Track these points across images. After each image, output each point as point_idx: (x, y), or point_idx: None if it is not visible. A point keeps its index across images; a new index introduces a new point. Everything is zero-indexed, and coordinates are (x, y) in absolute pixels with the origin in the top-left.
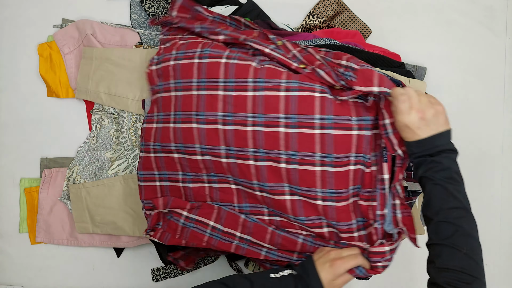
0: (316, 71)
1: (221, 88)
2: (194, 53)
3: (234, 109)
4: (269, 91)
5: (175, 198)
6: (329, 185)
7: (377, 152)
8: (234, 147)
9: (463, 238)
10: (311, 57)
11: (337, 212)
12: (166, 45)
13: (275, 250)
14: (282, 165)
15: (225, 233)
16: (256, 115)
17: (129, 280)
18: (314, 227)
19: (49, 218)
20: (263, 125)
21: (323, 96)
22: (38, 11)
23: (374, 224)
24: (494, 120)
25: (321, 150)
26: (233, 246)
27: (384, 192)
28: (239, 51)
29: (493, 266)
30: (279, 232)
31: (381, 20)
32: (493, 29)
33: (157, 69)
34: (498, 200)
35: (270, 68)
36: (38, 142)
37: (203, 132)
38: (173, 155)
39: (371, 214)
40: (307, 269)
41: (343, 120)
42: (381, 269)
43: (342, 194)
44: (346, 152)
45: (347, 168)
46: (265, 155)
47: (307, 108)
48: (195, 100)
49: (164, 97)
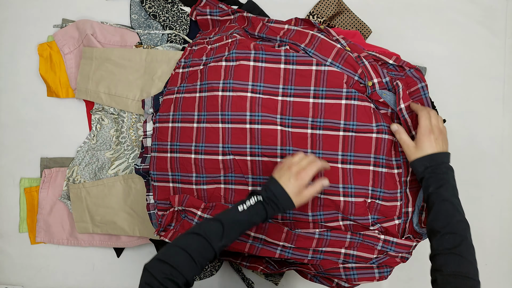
0: (361, 59)
1: (250, 90)
2: (222, 56)
3: (263, 109)
4: (300, 98)
5: (190, 196)
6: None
7: (399, 157)
8: (260, 145)
9: (468, 247)
10: (356, 47)
11: (356, 208)
12: (193, 48)
13: (290, 248)
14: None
15: None
16: (285, 117)
17: (129, 280)
18: (330, 221)
19: (49, 218)
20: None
21: (363, 104)
22: (38, 11)
23: (396, 220)
24: (494, 120)
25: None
26: (247, 246)
27: (406, 192)
28: (265, 46)
29: (493, 266)
30: (294, 232)
31: (381, 20)
32: (493, 29)
33: (183, 72)
34: (498, 200)
35: (299, 71)
36: (38, 142)
37: (228, 131)
38: (191, 155)
39: (391, 212)
40: (273, 190)
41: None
42: (399, 260)
43: (362, 191)
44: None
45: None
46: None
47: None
48: (221, 100)
49: (186, 97)
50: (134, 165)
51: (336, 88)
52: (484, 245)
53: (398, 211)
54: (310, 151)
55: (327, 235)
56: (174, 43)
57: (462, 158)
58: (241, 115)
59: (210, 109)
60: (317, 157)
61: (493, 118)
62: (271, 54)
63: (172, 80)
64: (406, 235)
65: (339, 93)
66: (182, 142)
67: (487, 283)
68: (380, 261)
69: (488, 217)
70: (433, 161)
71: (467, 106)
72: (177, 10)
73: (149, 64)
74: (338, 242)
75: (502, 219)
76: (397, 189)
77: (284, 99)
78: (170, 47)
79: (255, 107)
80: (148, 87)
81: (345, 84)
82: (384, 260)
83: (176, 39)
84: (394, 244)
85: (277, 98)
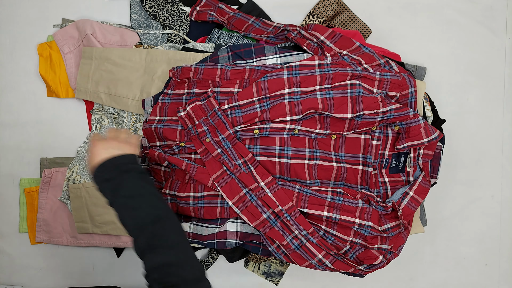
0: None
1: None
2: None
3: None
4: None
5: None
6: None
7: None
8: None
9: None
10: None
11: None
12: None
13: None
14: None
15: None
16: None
17: (129, 280)
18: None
19: (49, 218)
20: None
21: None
22: (38, 11)
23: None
24: (494, 120)
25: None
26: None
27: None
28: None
29: (493, 266)
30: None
31: (381, 20)
32: (493, 29)
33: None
34: (498, 200)
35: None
36: (38, 142)
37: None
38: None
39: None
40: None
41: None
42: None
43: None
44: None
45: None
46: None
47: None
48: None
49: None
50: None
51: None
52: (484, 245)
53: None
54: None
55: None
56: (174, 43)
57: (462, 158)
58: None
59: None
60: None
61: (493, 118)
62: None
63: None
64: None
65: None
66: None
67: (487, 283)
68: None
69: (488, 217)
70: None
71: (467, 106)
72: (177, 10)
73: (149, 64)
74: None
75: (502, 219)
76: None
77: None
78: (170, 47)
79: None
80: (148, 87)
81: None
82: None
83: (176, 39)
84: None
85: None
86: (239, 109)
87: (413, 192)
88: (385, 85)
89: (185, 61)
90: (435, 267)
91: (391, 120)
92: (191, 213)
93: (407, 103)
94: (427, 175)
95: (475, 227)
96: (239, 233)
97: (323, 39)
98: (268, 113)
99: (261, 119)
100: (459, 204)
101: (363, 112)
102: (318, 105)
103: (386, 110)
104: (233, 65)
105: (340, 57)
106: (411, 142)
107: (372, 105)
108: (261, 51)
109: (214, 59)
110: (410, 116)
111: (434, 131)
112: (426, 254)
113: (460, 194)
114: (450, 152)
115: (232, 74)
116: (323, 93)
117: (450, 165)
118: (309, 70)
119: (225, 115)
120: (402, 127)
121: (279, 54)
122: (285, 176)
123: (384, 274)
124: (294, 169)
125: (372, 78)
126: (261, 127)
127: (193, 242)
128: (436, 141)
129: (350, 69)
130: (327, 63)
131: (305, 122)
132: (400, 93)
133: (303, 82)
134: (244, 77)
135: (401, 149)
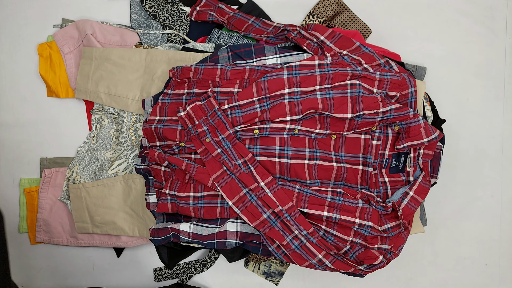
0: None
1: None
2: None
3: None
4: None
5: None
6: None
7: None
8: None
9: None
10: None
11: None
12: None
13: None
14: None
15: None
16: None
17: (129, 280)
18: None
19: (49, 218)
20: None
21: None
22: (38, 11)
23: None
24: (494, 120)
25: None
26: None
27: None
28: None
29: (493, 266)
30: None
31: (381, 20)
32: (493, 29)
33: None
34: (498, 200)
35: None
36: (38, 142)
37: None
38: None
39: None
40: None
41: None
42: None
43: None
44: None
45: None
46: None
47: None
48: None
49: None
50: (135, 164)
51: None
52: (484, 245)
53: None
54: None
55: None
56: (174, 43)
57: (462, 158)
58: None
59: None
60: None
61: (493, 118)
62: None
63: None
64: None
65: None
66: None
67: (487, 283)
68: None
69: (488, 217)
70: None
71: (467, 106)
72: (177, 10)
73: (149, 64)
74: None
75: (502, 219)
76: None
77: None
78: (170, 47)
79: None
80: (148, 87)
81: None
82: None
83: (176, 39)
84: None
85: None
86: (239, 109)
87: (413, 192)
88: (385, 85)
89: (185, 61)
90: (435, 267)
91: (391, 120)
92: (191, 213)
93: (407, 103)
94: (427, 175)
95: (475, 227)
96: (239, 233)
97: (323, 39)
98: (268, 113)
99: (261, 119)
100: (459, 204)
101: (363, 112)
102: (318, 105)
103: (386, 110)
104: (233, 65)
105: (340, 57)
106: (411, 142)
107: (372, 105)
108: (261, 51)
109: (214, 59)
110: (410, 116)
111: (434, 131)
112: (426, 254)
113: (460, 194)
114: (450, 152)
115: (232, 74)
116: (323, 93)
117: (450, 165)
118: (309, 70)
119: (225, 115)
120: (402, 127)
121: (279, 54)
122: (285, 176)
123: (384, 274)
124: (294, 169)
125: (372, 78)
126: (261, 127)
127: (193, 242)
128: (436, 141)
129: (350, 69)
130: (327, 63)
131: (305, 122)
132: (400, 93)
133: (303, 82)
134: (244, 77)
135: (401, 149)
